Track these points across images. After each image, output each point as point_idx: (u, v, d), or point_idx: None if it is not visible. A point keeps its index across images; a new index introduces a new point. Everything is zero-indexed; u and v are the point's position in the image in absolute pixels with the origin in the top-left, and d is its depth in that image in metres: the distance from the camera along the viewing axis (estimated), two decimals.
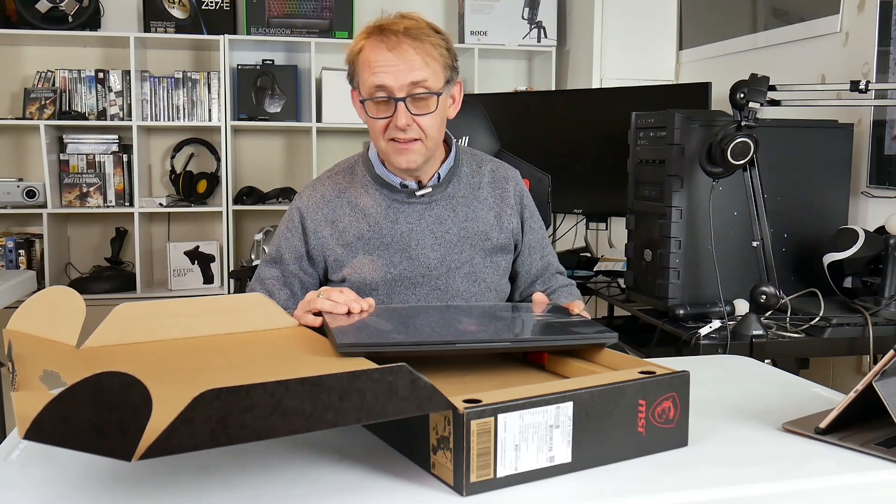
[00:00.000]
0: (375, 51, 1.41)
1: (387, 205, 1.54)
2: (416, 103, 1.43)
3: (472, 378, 1.06)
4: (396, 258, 1.52)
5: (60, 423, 0.65)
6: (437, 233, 1.54)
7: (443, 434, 0.82)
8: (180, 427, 0.66)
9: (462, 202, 1.57)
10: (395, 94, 1.41)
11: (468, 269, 1.55)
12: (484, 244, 1.57)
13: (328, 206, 1.55)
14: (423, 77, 1.41)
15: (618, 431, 0.89)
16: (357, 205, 1.55)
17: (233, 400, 0.68)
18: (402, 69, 1.40)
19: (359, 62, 1.45)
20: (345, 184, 1.57)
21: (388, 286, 1.52)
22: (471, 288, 1.55)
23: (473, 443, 0.80)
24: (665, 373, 0.94)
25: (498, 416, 0.81)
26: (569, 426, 0.86)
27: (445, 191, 1.56)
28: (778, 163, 2.00)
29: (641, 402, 0.90)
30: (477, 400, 0.82)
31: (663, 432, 0.93)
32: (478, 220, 1.57)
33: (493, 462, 0.81)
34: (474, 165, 1.62)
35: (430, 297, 1.53)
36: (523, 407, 0.83)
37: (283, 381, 0.70)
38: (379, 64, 1.40)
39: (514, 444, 0.82)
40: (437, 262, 1.53)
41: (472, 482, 0.80)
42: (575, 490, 0.83)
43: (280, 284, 1.55)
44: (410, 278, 1.52)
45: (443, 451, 0.82)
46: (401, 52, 1.40)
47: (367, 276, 1.51)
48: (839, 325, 1.79)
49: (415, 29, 1.42)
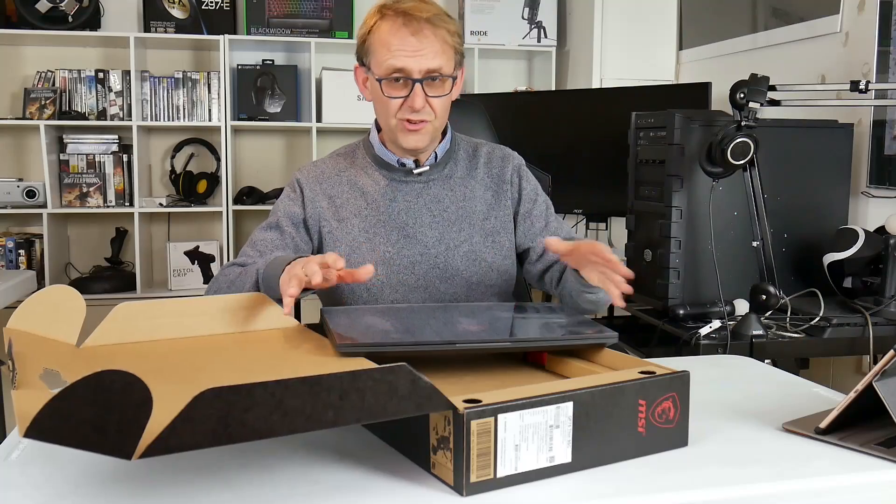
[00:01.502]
0: (397, 34, 1.45)
1: (385, 184, 1.57)
2: (430, 86, 1.47)
3: (471, 378, 1.06)
4: (394, 236, 1.54)
5: (61, 420, 0.65)
6: (435, 211, 1.56)
7: (443, 434, 0.82)
8: (181, 426, 0.66)
9: (459, 182, 1.59)
10: (413, 76, 1.45)
11: (467, 248, 1.56)
12: (483, 224, 1.58)
13: (327, 182, 1.58)
14: (440, 64, 1.46)
15: (618, 431, 0.89)
16: (356, 184, 1.57)
17: (234, 399, 0.68)
18: (423, 55, 1.44)
19: (374, 41, 1.48)
20: (345, 164, 1.61)
21: (386, 265, 1.52)
22: (471, 267, 1.55)
23: (473, 443, 0.80)
24: (665, 373, 0.94)
25: (498, 416, 0.81)
26: (569, 426, 0.85)
27: (443, 171, 1.59)
28: (778, 163, 2.00)
29: (642, 402, 0.90)
30: (477, 400, 0.81)
31: (663, 432, 0.93)
32: (475, 200, 1.59)
33: (494, 462, 0.81)
34: (470, 150, 1.64)
35: (430, 276, 1.53)
36: (523, 407, 0.83)
37: (283, 380, 0.70)
38: (400, 47, 1.44)
39: (514, 444, 0.82)
40: (436, 240, 1.54)
41: (472, 482, 0.80)
42: (575, 490, 0.83)
43: (274, 247, 1.52)
44: (409, 256, 1.53)
45: (443, 451, 0.82)
46: (423, 38, 1.44)
47: (365, 254, 1.52)
48: (839, 325, 1.79)
49: (435, 17, 1.46)
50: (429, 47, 1.44)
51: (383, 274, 1.52)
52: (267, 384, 0.69)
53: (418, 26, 1.44)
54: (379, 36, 1.47)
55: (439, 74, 1.46)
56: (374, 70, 1.48)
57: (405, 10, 1.45)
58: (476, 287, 1.56)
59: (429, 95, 1.47)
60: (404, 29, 1.44)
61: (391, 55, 1.44)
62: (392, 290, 1.52)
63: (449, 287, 1.54)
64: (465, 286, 1.55)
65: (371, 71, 1.50)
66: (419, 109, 1.46)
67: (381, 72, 1.46)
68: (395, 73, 1.45)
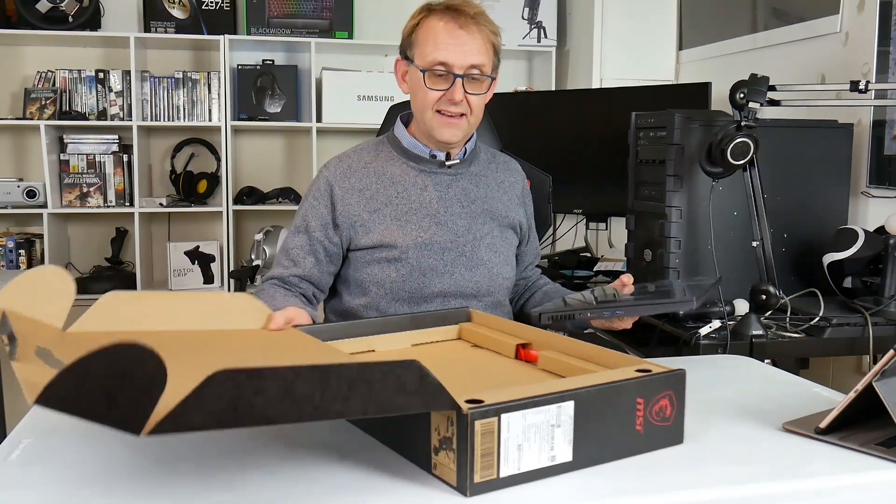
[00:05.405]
0: (446, 28, 1.51)
1: (416, 173, 1.63)
2: (471, 83, 1.53)
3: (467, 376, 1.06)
4: (426, 223, 1.59)
5: (72, 390, 0.63)
6: (464, 203, 1.64)
7: (445, 435, 0.82)
8: (191, 405, 0.65)
9: (483, 181, 1.69)
10: (455, 71, 1.51)
11: (490, 240, 1.65)
12: (501, 220, 1.68)
13: (355, 176, 1.62)
14: (482, 62, 1.53)
15: (617, 430, 0.89)
16: (384, 173, 1.62)
17: (245, 382, 0.66)
18: (468, 50, 1.51)
19: (421, 34, 1.54)
20: (369, 158, 1.65)
21: (418, 250, 1.57)
22: (493, 258, 1.65)
23: (477, 443, 0.80)
24: (661, 371, 0.94)
25: (501, 417, 0.81)
26: (570, 425, 0.86)
27: (469, 168, 1.67)
28: (778, 163, 2.00)
29: (640, 401, 0.91)
30: (479, 400, 0.81)
31: (660, 430, 0.93)
32: (495, 199, 1.69)
33: (497, 462, 0.81)
34: (489, 154, 1.76)
35: (457, 263, 1.60)
36: (526, 406, 0.83)
37: (295, 366, 0.69)
38: (447, 41, 1.51)
39: (517, 443, 0.82)
40: (465, 230, 1.62)
41: (476, 482, 0.80)
42: (576, 489, 0.83)
43: (305, 252, 1.61)
44: (440, 243, 1.59)
45: (445, 451, 0.82)
46: (470, 34, 1.51)
47: (398, 240, 1.57)
48: (839, 325, 1.79)
49: (480, 15, 1.54)
50: (473, 43, 1.51)
51: (413, 258, 1.57)
52: (279, 369, 0.68)
53: (465, 21, 1.51)
54: (426, 29, 1.53)
55: (480, 72, 1.52)
56: (418, 62, 1.54)
57: (454, 5, 1.53)
58: (495, 278, 1.64)
59: (468, 92, 1.53)
60: (452, 22, 1.51)
61: (436, 48, 1.51)
62: (420, 273, 1.57)
63: (473, 275, 1.61)
64: (486, 276, 1.63)
65: (414, 63, 1.56)
66: (458, 102, 1.52)
67: (425, 64, 1.52)
68: (438, 66, 1.51)
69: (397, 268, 1.56)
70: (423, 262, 1.57)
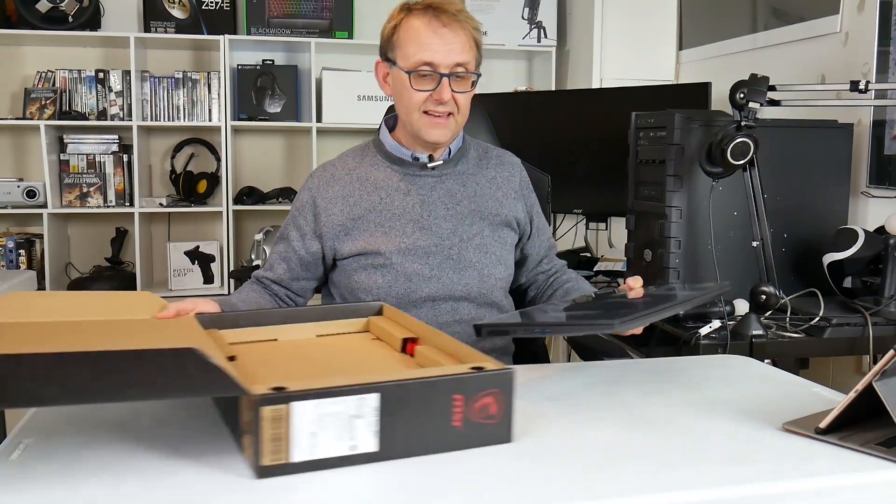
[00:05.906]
0: (428, 27, 1.49)
1: (399, 178, 1.60)
2: (456, 81, 1.51)
3: (337, 367, 1.11)
4: (409, 228, 1.57)
5: None
6: (449, 205, 1.60)
7: (247, 419, 0.85)
8: None
9: (471, 179, 1.64)
10: (440, 71, 1.49)
11: (479, 241, 1.61)
12: (492, 219, 1.64)
13: (338, 184, 1.61)
14: (467, 59, 1.51)
15: (430, 424, 0.91)
16: (367, 179, 1.61)
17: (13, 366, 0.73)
18: (452, 49, 1.49)
19: (402, 36, 1.52)
20: (354, 163, 1.64)
21: (402, 255, 1.56)
22: (483, 259, 1.61)
23: (265, 428, 0.83)
24: (490, 369, 0.95)
25: (292, 404, 0.84)
26: (373, 416, 0.88)
27: (455, 168, 1.64)
28: (778, 163, 2.00)
29: (457, 397, 0.92)
30: (283, 387, 0.85)
31: (483, 427, 0.94)
32: (485, 197, 1.64)
33: (287, 447, 0.84)
34: (480, 150, 1.71)
35: (444, 266, 1.57)
36: (320, 396, 0.85)
37: (63, 352, 0.75)
38: (430, 41, 1.49)
39: (309, 431, 0.85)
40: (450, 232, 1.59)
41: (264, 465, 0.83)
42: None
43: (280, 259, 1.63)
44: (424, 248, 1.57)
45: (247, 434, 0.86)
46: (453, 32, 1.50)
47: (382, 246, 1.55)
48: (839, 325, 1.79)
49: (462, 14, 1.52)
50: (457, 41, 1.49)
51: (398, 263, 1.55)
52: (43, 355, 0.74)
53: (448, 19, 1.49)
54: (407, 30, 1.51)
55: (465, 70, 1.51)
56: (401, 63, 1.52)
57: (434, 4, 1.50)
58: (486, 279, 1.61)
59: (454, 90, 1.51)
60: (435, 21, 1.49)
61: (420, 48, 1.49)
62: (406, 279, 1.56)
63: (461, 278, 1.58)
64: (476, 277, 1.59)
65: (396, 65, 1.53)
66: (445, 102, 1.51)
67: (409, 65, 1.50)
68: (423, 66, 1.49)
69: (383, 274, 1.55)
70: (407, 267, 1.55)
